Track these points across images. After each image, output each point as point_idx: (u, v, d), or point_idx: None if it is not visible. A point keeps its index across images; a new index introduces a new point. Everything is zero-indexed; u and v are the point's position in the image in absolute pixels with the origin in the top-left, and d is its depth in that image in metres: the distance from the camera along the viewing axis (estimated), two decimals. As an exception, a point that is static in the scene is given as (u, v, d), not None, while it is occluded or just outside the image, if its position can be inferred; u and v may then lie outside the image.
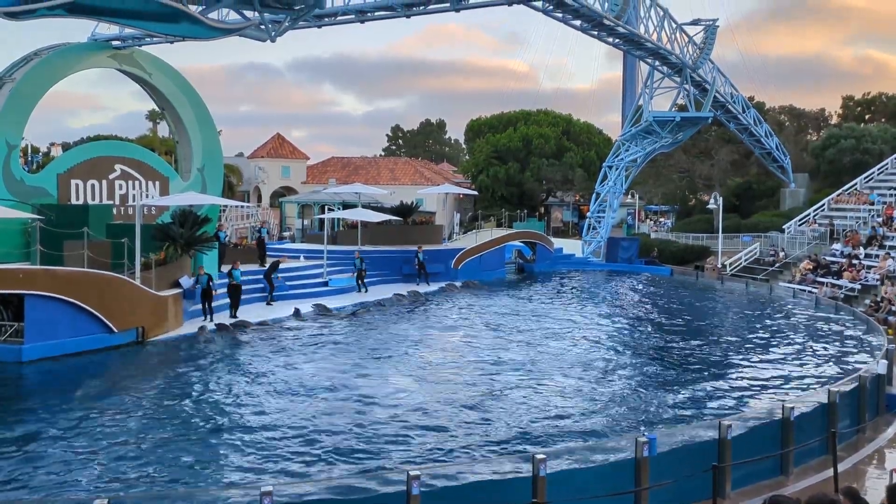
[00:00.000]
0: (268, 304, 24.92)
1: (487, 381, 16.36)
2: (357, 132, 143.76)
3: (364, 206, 34.61)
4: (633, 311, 28.09)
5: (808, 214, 41.64)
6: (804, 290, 31.88)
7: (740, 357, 19.55)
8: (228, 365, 17.87)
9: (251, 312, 23.54)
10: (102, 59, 24.64)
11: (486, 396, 15.16)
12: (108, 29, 25.87)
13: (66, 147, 54.12)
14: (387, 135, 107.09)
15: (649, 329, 23.95)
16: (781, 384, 16.69)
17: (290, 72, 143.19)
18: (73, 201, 23.41)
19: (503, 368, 17.64)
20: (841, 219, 39.28)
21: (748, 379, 17.13)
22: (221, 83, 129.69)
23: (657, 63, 38.94)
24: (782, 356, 19.75)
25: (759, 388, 16.31)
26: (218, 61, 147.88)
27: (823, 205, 41.83)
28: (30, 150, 50.67)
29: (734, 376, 17.38)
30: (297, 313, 24.14)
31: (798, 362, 19.03)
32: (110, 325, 18.97)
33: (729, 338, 22.44)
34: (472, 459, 11.47)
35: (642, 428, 12.92)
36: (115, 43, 25.65)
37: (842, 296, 30.15)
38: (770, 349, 20.67)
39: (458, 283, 32.51)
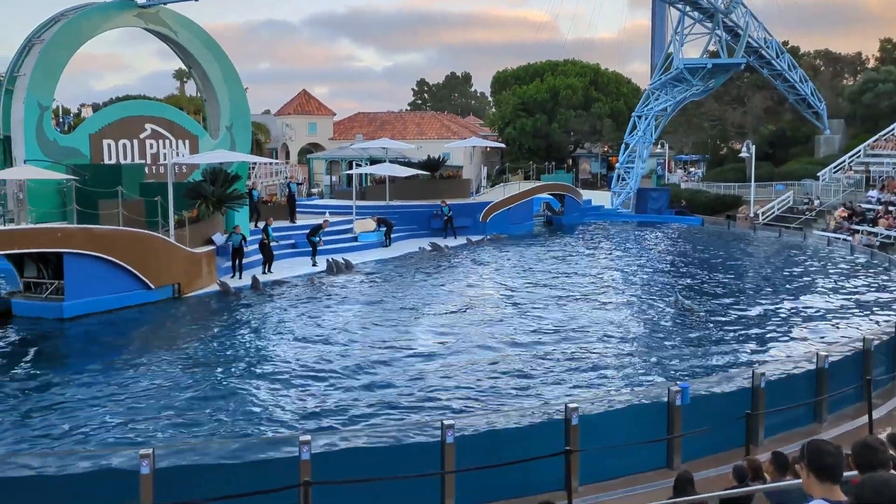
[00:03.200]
0: (313, 265, 24.77)
1: (516, 333, 16.46)
2: (379, 87, 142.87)
3: (391, 161, 34.55)
4: (665, 261, 27.93)
5: (844, 161, 40.81)
6: (839, 238, 31.44)
7: (774, 305, 19.42)
8: (263, 319, 18.16)
9: (283, 268, 23.80)
10: (128, 18, 24.60)
11: (516, 348, 15.26)
12: (132, -13, 25.76)
13: (96, 108, 54.51)
14: (412, 89, 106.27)
15: (681, 279, 23.83)
16: (816, 332, 16.59)
17: (306, 28, 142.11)
18: (106, 161, 23.64)
19: (532, 320, 17.72)
20: (877, 165, 38.49)
21: (782, 327, 17.05)
22: (239, 41, 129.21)
23: (688, 8, 38.05)
24: (817, 304, 19.59)
25: (793, 336, 16.24)
26: (234, 19, 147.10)
27: (859, 151, 40.94)
28: (61, 112, 51.11)
29: (768, 325, 17.30)
30: (329, 268, 24.37)
31: (833, 310, 18.88)
32: (147, 281, 19.33)
33: (762, 286, 22.27)
34: (505, 409, 11.61)
35: (675, 376, 12.97)
36: (140, 1, 25.56)
37: (877, 243, 29.71)
38: (804, 297, 20.51)
39: (488, 237, 32.52)
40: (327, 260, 24.83)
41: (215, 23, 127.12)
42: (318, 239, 25.33)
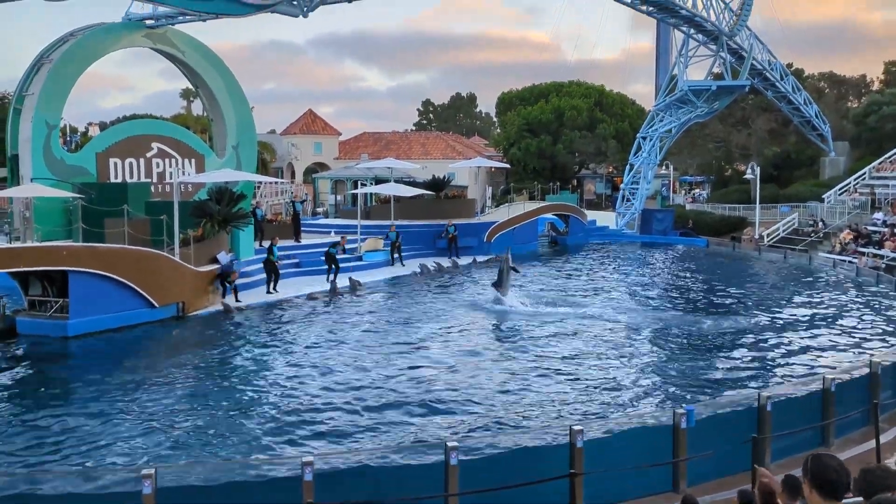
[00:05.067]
0: (328, 280, 24.72)
1: (520, 354, 16.40)
2: (384, 107, 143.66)
3: (396, 181, 34.65)
4: (669, 282, 27.86)
5: (849, 183, 40.84)
6: (844, 261, 31.35)
7: (779, 328, 19.33)
8: (266, 338, 18.12)
9: (288, 287, 23.76)
10: (137, 38, 24.84)
11: (520, 369, 15.20)
12: (141, 8, 26.02)
13: (103, 127, 54.83)
14: (417, 109, 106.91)
15: (686, 300, 23.76)
16: (822, 355, 16.50)
17: (312, 48, 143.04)
18: (112, 180, 23.76)
19: (536, 340, 17.66)
20: (883, 187, 38.48)
21: (788, 350, 16.95)
22: (245, 61, 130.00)
23: (692, 31, 38.23)
24: (822, 327, 19.49)
25: (799, 359, 16.14)
26: (240, 40, 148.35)
27: (864, 173, 40.99)
28: (68, 130, 51.42)
29: (773, 347, 17.21)
30: (352, 286, 24.57)
31: (839, 333, 18.78)
32: (151, 300, 19.32)
33: (767, 309, 22.18)
34: (509, 432, 11.54)
35: (680, 399, 12.90)
36: (148, 22, 25.82)
37: (883, 266, 29.61)
38: (810, 320, 20.41)
39: (495, 256, 32.52)
40: (349, 277, 24.95)
41: (221, 43, 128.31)
42: (336, 251, 25.38)
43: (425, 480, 8.46)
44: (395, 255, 29.25)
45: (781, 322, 20.13)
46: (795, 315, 21.12)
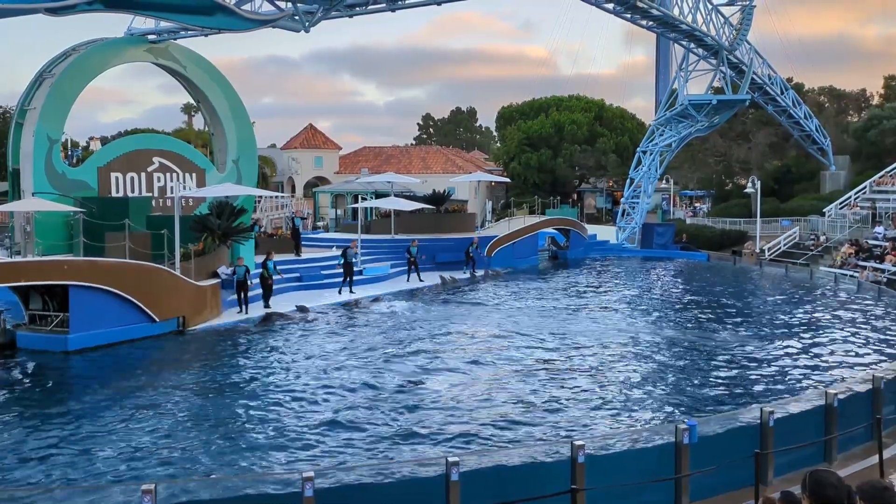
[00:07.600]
0: (350, 292, 25.23)
1: (522, 370, 16.35)
2: (382, 122, 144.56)
3: (396, 195, 34.69)
4: (670, 297, 27.82)
5: (850, 197, 40.88)
6: (846, 275, 31.32)
7: (781, 343, 19.28)
8: (268, 352, 18.07)
9: (290, 301, 23.72)
10: (139, 53, 24.92)
11: (521, 384, 15.14)
12: (143, 23, 26.15)
13: (104, 141, 54.96)
14: (418, 123, 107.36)
15: (687, 315, 23.71)
16: (824, 370, 16.45)
17: (308, 64, 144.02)
18: (114, 194, 23.77)
19: (538, 356, 17.61)
20: (884, 201, 38.53)
21: (790, 365, 16.90)
22: (244, 76, 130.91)
23: (692, 45, 38.40)
24: (824, 342, 19.44)
25: (801, 375, 16.09)
26: (238, 54, 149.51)
27: (865, 187, 41.04)
28: (70, 145, 51.54)
29: (775, 362, 17.16)
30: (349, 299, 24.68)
31: (841, 348, 18.72)
32: (152, 314, 19.30)
33: (769, 323, 22.14)
34: (510, 447, 11.49)
35: (683, 414, 12.84)
36: (150, 37, 25.92)
37: (885, 280, 29.58)
38: (811, 334, 20.36)
39: (489, 271, 32.55)
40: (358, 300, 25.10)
41: (220, 58, 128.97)
42: (353, 261, 25.47)
43: (426, 496, 8.40)
44: (412, 270, 29.12)
45: (783, 337, 20.08)
46: (796, 330, 21.07)
